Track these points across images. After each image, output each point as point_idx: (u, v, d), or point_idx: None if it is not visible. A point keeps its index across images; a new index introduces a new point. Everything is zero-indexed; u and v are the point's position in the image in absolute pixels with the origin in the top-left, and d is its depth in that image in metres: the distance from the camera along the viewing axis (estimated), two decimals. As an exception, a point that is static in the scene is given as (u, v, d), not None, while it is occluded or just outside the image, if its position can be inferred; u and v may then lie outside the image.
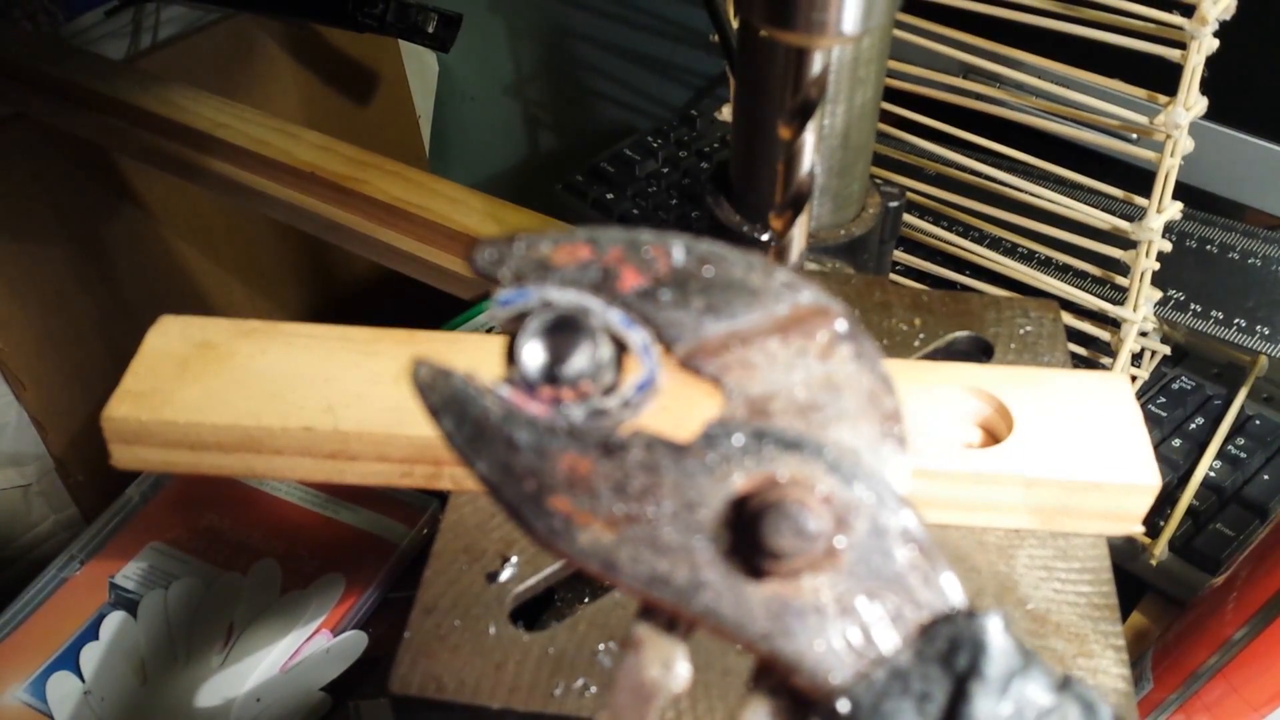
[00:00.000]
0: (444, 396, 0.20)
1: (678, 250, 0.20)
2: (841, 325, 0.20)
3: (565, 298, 0.20)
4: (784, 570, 0.19)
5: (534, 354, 0.20)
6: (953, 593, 0.19)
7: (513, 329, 0.20)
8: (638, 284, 0.20)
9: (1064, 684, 0.19)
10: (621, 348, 0.21)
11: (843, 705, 0.19)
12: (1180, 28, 0.52)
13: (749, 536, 0.19)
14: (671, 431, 0.21)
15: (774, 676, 0.20)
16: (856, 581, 0.19)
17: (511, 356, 0.20)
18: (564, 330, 0.20)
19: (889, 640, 0.19)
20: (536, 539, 0.20)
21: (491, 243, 0.21)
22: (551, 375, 0.20)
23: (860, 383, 0.20)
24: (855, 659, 0.19)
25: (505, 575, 0.45)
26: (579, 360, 0.20)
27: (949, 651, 0.19)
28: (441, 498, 0.51)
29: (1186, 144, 0.55)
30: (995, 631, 0.19)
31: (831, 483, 0.19)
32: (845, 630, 0.19)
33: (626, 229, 0.21)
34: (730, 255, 0.20)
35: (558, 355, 0.20)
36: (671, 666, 0.20)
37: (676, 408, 0.26)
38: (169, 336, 0.51)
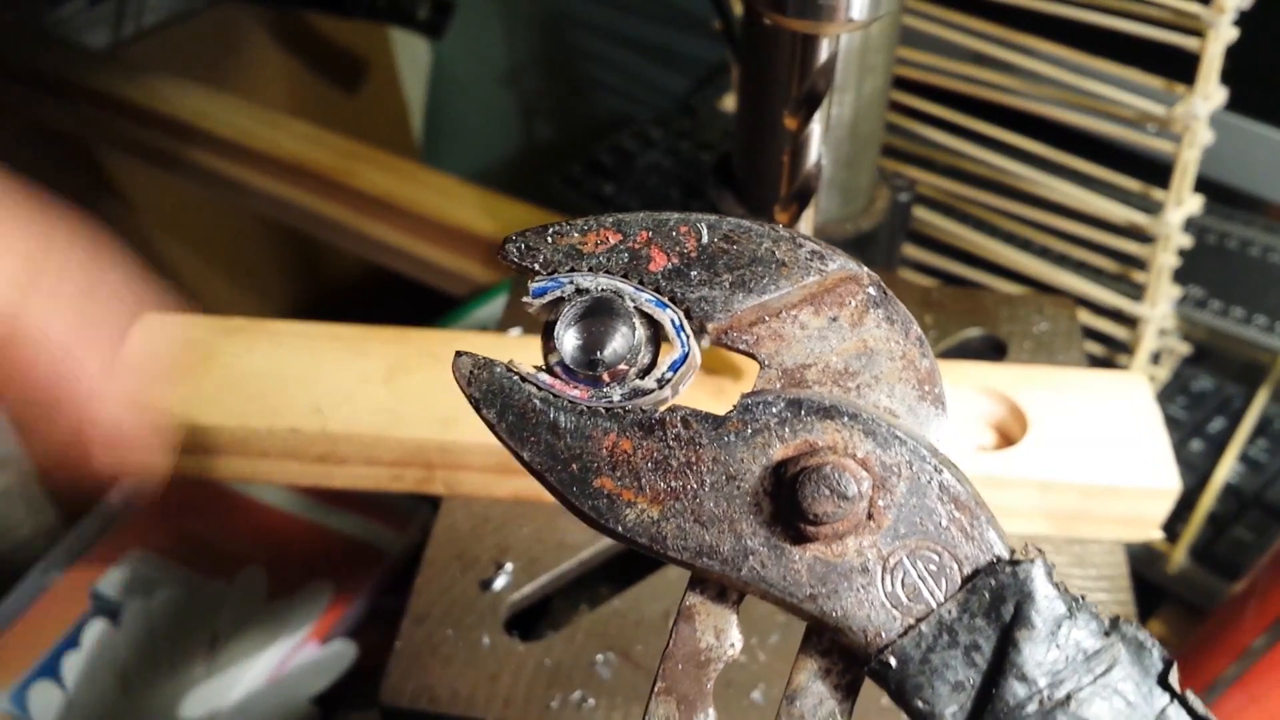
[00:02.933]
0: (486, 387, 0.21)
1: (704, 229, 0.21)
2: (872, 290, 0.21)
3: (598, 283, 0.21)
4: (827, 534, 0.20)
5: (571, 339, 0.21)
6: (996, 544, 0.20)
7: (549, 316, 0.21)
8: (667, 264, 0.21)
9: (1112, 625, 0.19)
10: (655, 327, 0.21)
11: (891, 660, 0.19)
12: (1198, 16, 0.52)
13: (791, 503, 0.20)
14: (710, 406, 0.21)
15: (823, 637, 0.21)
16: (899, 540, 0.20)
17: (549, 343, 0.21)
18: (599, 314, 0.21)
19: (934, 595, 0.20)
20: (584, 519, 0.21)
21: (521, 235, 0.21)
22: (589, 359, 0.21)
23: (894, 346, 0.21)
24: (901, 615, 0.20)
25: (500, 583, 0.44)
26: (615, 343, 0.21)
27: (994, 602, 0.19)
28: (433, 503, 0.49)
29: (1205, 136, 0.55)
30: (1040, 579, 0.19)
31: (869, 446, 0.20)
32: (890, 588, 0.20)
33: (652, 212, 0.21)
34: (756, 229, 0.21)
35: (594, 339, 0.21)
36: (725, 634, 0.21)
37: (714, 382, 0.25)
38: (151, 334, 0.49)
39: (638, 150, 0.81)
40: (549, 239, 0.21)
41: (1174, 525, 0.56)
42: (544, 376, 0.21)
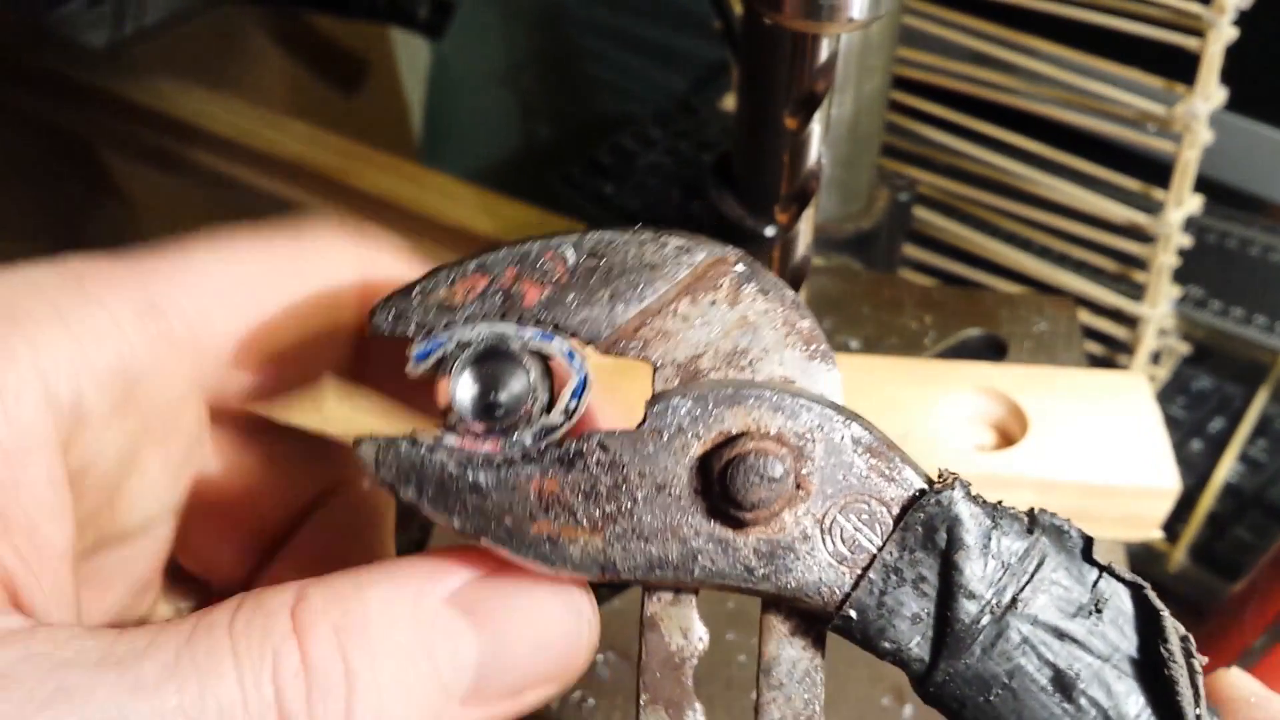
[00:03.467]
0: (396, 468, 0.21)
1: (569, 251, 0.21)
2: (740, 267, 0.21)
3: (478, 332, 0.21)
4: (764, 515, 0.20)
5: (467, 394, 0.21)
6: (915, 479, 0.21)
7: (435, 377, 0.21)
8: (541, 295, 0.21)
9: (1032, 522, 0.20)
10: (545, 360, 0.21)
11: (851, 613, 0.20)
12: (1198, 16, 0.52)
13: (724, 496, 0.20)
14: (619, 419, 0.21)
15: (781, 605, 0.22)
16: (829, 500, 0.21)
17: (445, 403, 0.21)
18: (487, 362, 0.21)
19: (873, 541, 0.21)
20: (532, 567, 0.21)
21: (386, 301, 0.21)
22: (489, 409, 0.21)
23: (773, 315, 0.21)
24: (849, 569, 0.21)
25: (499, 586, 0.44)
26: (512, 387, 0.21)
27: (927, 533, 0.20)
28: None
29: (1205, 136, 0.55)
30: (961, 501, 0.20)
31: (780, 420, 0.21)
32: (832, 546, 0.21)
33: (512, 245, 0.21)
34: (619, 238, 0.21)
35: (490, 388, 0.21)
36: (690, 631, 0.22)
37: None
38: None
39: (638, 150, 0.81)
40: (414, 300, 0.21)
41: (1174, 525, 0.56)
42: (450, 439, 0.21)
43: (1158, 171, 0.57)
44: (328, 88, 1.13)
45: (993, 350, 0.54)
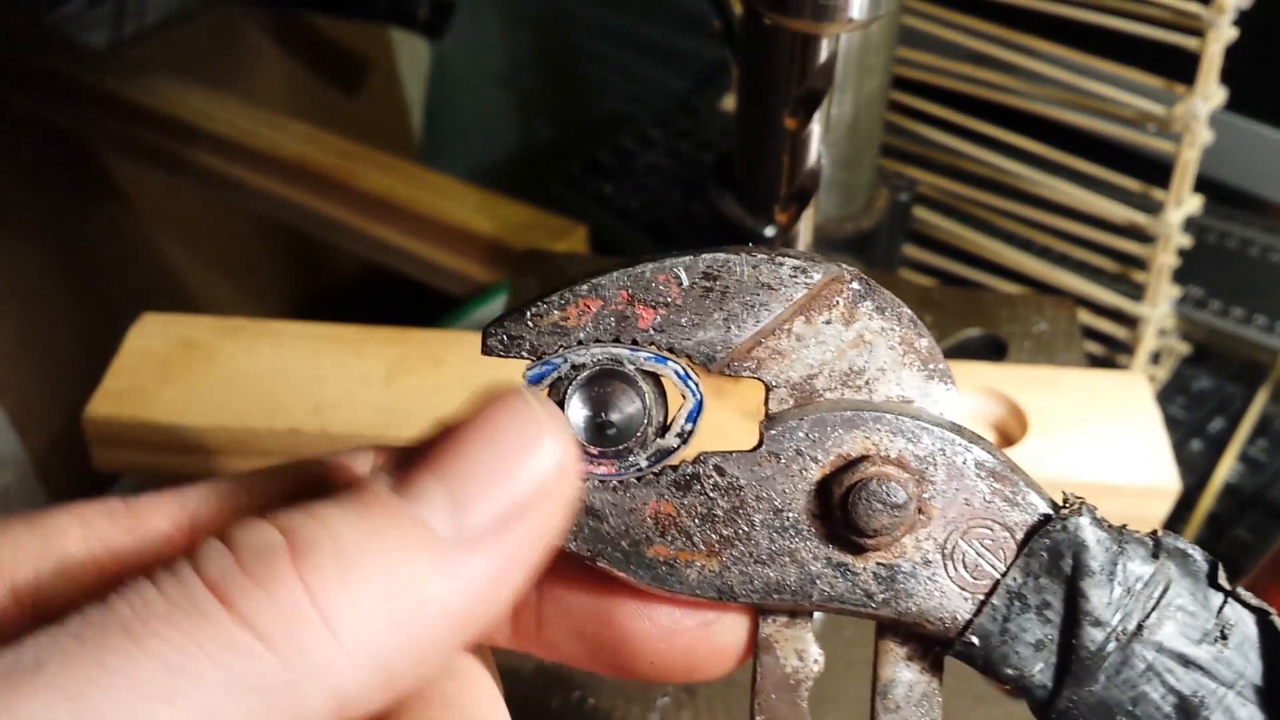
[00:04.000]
0: None
1: (682, 272, 0.20)
2: (856, 285, 0.21)
3: (592, 355, 0.21)
4: (885, 540, 0.20)
5: (582, 417, 0.21)
6: (1040, 504, 0.20)
7: (553, 400, 0.21)
8: (655, 318, 0.21)
9: (1157, 546, 0.20)
10: (659, 382, 0.21)
11: (974, 639, 0.20)
12: (1198, 16, 0.52)
13: (845, 523, 0.20)
14: (736, 440, 0.21)
15: (899, 629, 0.21)
16: (951, 525, 0.20)
17: None
18: (602, 385, 0.21)
19: (996, 567, 0.20)
20: (649, 591, 0.21)
21: (499, 325, 0.21)
22: (603, 431, 0.21)
23: (890, 334, 0.21)
24: (971, 594, 0.20)
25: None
26: (627, 409, 0.21)
27: (1052, 559, 0.20)
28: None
29: (1205, 136, 0.55)
30: (1088, 527, 0.20)
31: (900, 444, 0.20)
32: (955, 571, 0.21)
33: (625, 266, 0.21)
34: (733, 259, 0.21)
35: (605, 411, 0.21)
36: (806, 654, 0.22)
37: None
38: (151, 335, 0.49)
39: (638, 150, 0.81)
40: (529, 323, 0.21)
41: (1174, 525, 0.56)
42: None
43: (1158, 171, 0.57)
44: (328, 88, 1.13)
45: (993, 350, 0.54)
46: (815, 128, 0.36)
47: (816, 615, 0.22)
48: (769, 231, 0.51)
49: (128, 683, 0.15)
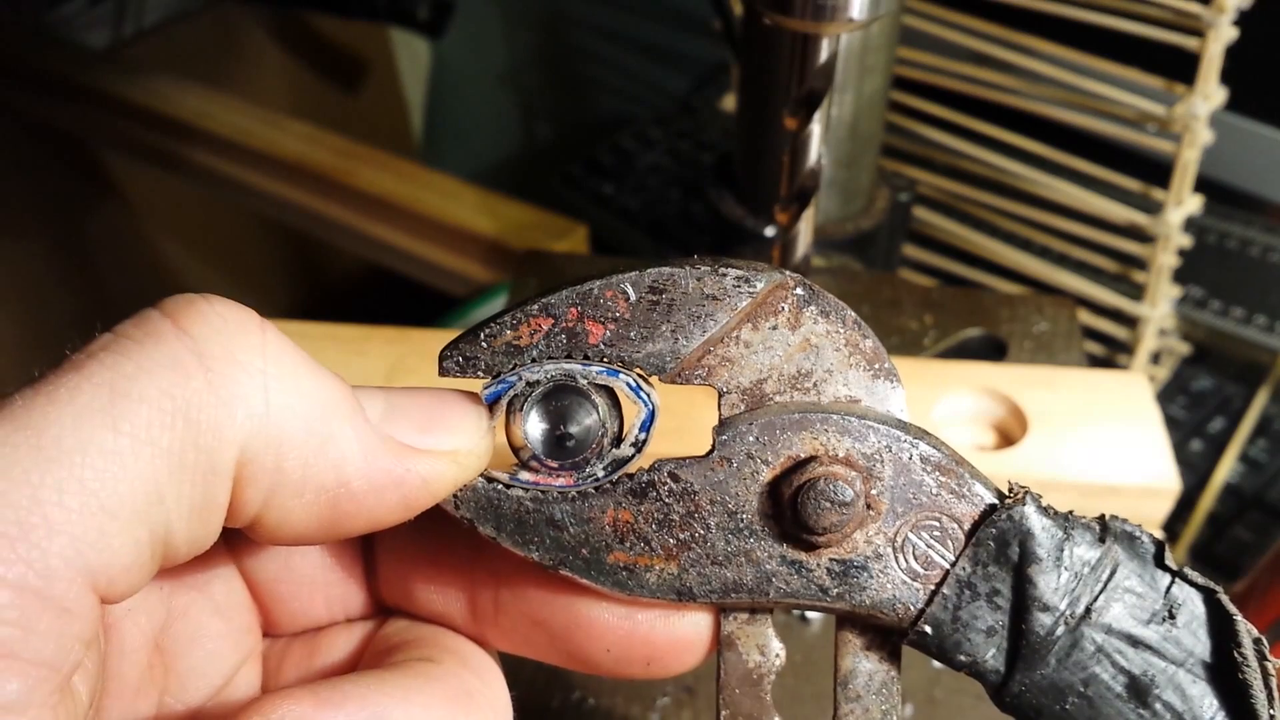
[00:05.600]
0: (474, 506, 0.21)
1: (629, 288, 0.21)
2: (800, 291, 0.21)
3: (545, 371, 0.21)
4: (836, 537, 0.21)
5: (539, 431, 0.21)
6: (985, 494, 0.21)
7: (507, 417, 0.21)
8: (604, 333, 0.21)
9: (1103, 530, 0.20)
10: (612, 393, 0.22)
11: (926, 629, 0.21)
12: (1198, 16, 0.52)
13: (796, 522, 0.20)
14: (688, 447, 0.22)
15: (856, 621, 0.22)
16: (900, 519, 0.21)
17: (516, 441, 0.21)
18: (557, 400, 0.21)
19: (945, 557, 0.21)
20: (610, 595, 0.21)
21: (454, 346, 0.21)
22: (561, 444, 0.21)
23: (835, 336, 0.22)
24: (923, 585, 0.21)
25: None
26: (582, 422, 0.21)
27: (1000, 548, 0.20)
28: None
29: (1205, 136, 0.55)
30: (1033, 514, 0.20)
31: (848, 443, 0.21)
32: (905, 564, 0.21)
33: (574, 285, 0.21)
34: (678, 272, 0.21)
35: (561, 425, 0.21)
36: (768, 648, 0.22)
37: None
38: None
39: (638, 150, 0.81)
40: (483, 343, 0.21)
41: (1174, 525, 0.56)
42: (525, 475, 0.21)
43: (1158, 171, 0.57)
44: (328, 87, 1.13)
45: (993, 350, 0.54)
46: (815, 128, 0.36)
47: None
48: (769, 231, 0.51)
49: (72, 409, 0.17)
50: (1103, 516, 0.21)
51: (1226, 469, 0.57)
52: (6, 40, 0.88)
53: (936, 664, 0.41)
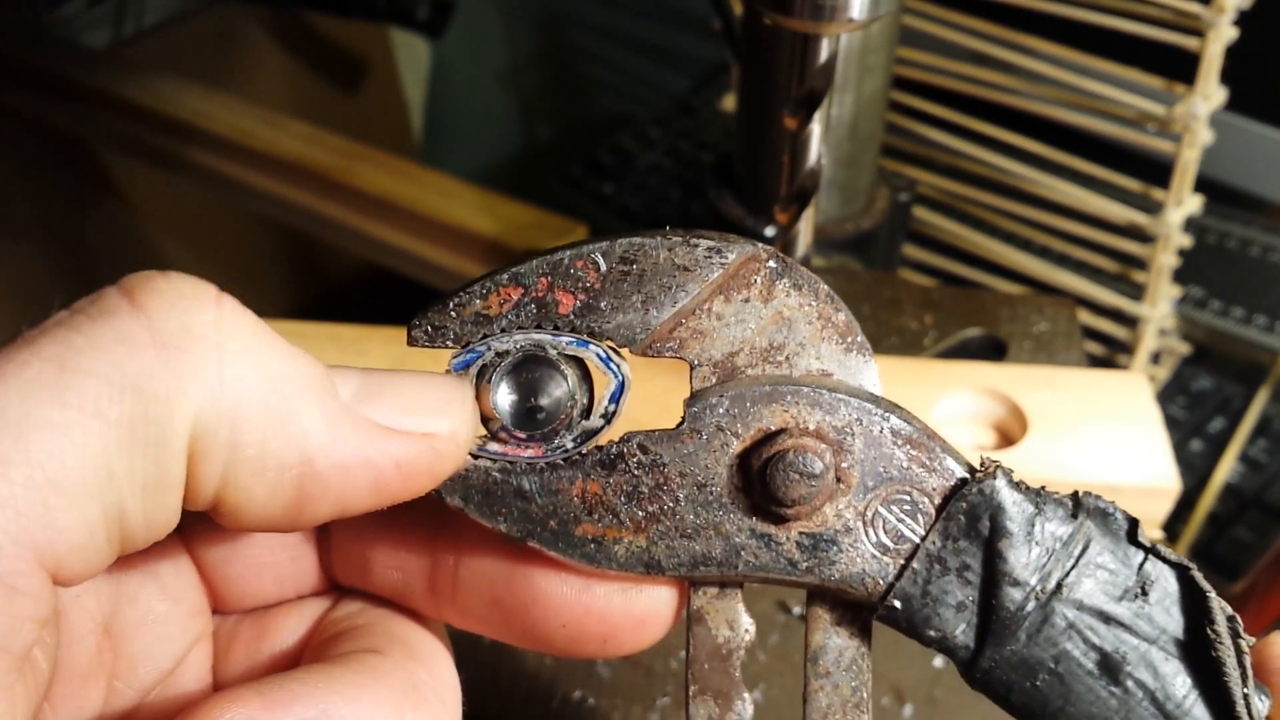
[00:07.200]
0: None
1: (599, 258, 0.21)
2: (773, 263, 0.21)
3: (514, 341, 0.21)
4: (805, 510, 0.20)
5: (507, 401, 0.21)
6: (956, 468, 0.21)
7: (476, 388, 0.21)
8: (575, 303, 0.21)
9: (1076, 506, 0.20)
10: (583, 365, 0.21)
11: (896, 603, 0.21)
12: (1198, 16, 0.52)
13: (765, 494, 0.20)
14: (659, 419, 0.22)
15: (826, 596, 0.22)
16: (870, 492, 0.21)
17: (485, 412, 0.21)
18: (526, 370, 0.21)
19: (915, 532, 0.21)
20: (579, 568, 0.21)
21: (424, 316, 0.21)
22: (530, 415, 0.21)
23: (808, 309, 0.21)
24: (892, 559, 0.21)
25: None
26: (552, 393, 0.21)
27: (970, 522, 0.20)
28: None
29: (1205, 136, 0.55)
30: (1004, 488, 0.20)
31: (818, 416, 0.21)
32: (875, 538, 0.21)
33: (545, 255, 0.21)
34: (649, 242, 0.21)
35: (530, 395, 0.21)
36: (737, 623, 0.22)
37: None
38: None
39: (638, 150, 0.81)
40: (452, 313, 0.21)
41: (1174, 525, 0.56)
42: (493, 446, 0.21)
43: (1158, 171, 0.57)
44: (328, 87, 1.13)
45: (993, 350, 0.54)
46: (815, 128, 0.36)
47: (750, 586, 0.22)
48: (769, 231, 0.51)
49: (18, 383, 0.17)
50: (1076, 492, 0.21)
51: (1226, 469, 0.57)
52: (6, 40, 0.88)
53: (937, 663, 0.41)
